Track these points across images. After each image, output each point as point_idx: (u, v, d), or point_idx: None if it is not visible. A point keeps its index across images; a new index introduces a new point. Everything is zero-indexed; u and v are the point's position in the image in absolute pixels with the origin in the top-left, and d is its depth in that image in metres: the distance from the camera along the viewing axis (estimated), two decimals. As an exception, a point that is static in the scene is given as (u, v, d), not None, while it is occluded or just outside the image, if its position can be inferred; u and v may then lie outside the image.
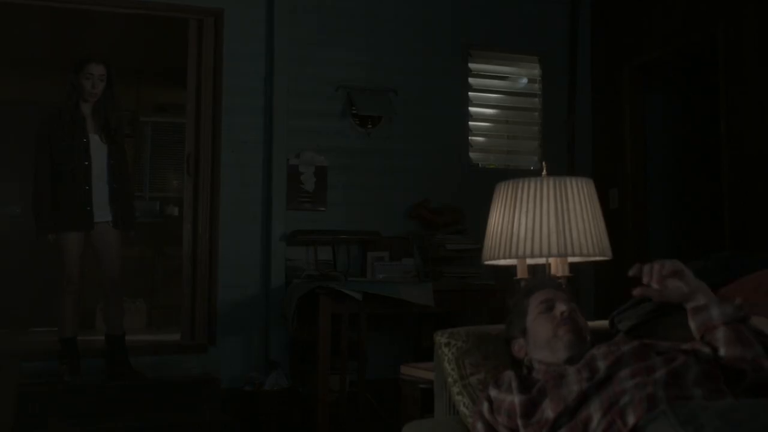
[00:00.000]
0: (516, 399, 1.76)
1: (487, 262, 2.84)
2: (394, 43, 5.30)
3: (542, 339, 1.88)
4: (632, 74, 5.46)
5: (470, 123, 5.49)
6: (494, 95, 5.63)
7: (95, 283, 4.48)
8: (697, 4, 4.93)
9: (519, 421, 1.73)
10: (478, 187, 4.73)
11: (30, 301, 6.53)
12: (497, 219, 2.74)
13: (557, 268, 2.73)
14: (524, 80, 5.73)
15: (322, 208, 5.05)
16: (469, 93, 5.50)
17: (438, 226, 5.04)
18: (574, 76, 5.71)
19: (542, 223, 2.63)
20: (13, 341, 5.50)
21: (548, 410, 1.69)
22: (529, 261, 2.78)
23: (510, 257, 2.70)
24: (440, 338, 2.11)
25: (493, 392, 1.84)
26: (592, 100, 5.77)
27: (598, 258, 2.69)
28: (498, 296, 4.55)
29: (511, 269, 2.86)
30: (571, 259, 2.71)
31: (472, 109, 5.51)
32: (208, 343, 4.81)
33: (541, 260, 2.78)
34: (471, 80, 5.51)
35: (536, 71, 5.71)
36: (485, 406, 1.84)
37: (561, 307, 1.90)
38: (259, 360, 4.80)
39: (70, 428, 4.01)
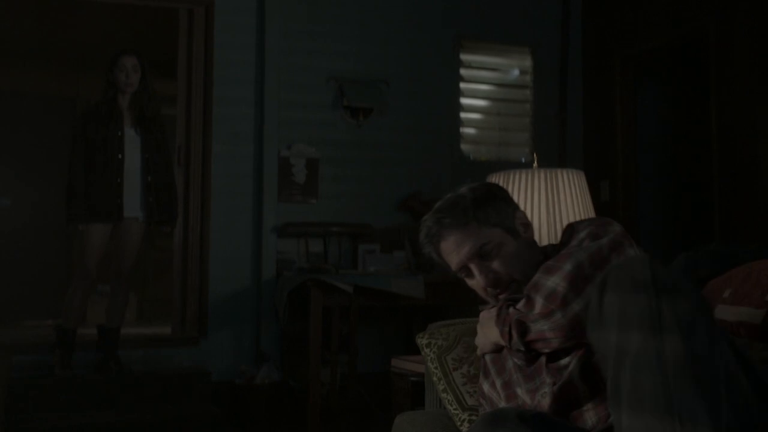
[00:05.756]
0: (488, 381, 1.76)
1: (478, 255, 2.83)
2: (386, 34, 5.28)
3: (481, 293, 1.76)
4: (624, 66, 5.46)
5: (461, 115, 5.48)
6: (486, 87, 5.62)
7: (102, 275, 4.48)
8: (688, -4, 4.92)
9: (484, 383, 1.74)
10: (470, 179, 4.71)
11: (21, 295, 6.51)
12: (488, 211, 2.74)
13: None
14: (516, 72, 5.73)
15: (313, 201, 5.03)
16: (461, 84, 5.49)
17: (429, 218, 5.02)
18: (565, 68, 5.71)
19: (533, 215, 2.63)
20: (3, 334, 5.48)
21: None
22: (520, 253, 2.78)
23: (501, 249, 2.69)
24: (421, 340, 2.11)
25: (485, 386, 1.79)
26: (583, 92, 5.77)
27: (588, 250, 2.68)
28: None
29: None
30: (561, 251, 2.71)
31: (463, 100, 5.50)
32: (199, 335, 4.79)
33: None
34: (462, 71, 5.50)
35: (528, 63, 5.70)
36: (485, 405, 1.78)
37: (479, 282, 1.70)
38: (251, 353, 4.80)
39: (60, 421, 4.00)
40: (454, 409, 1.95)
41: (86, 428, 4.01)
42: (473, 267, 1.69)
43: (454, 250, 1.71)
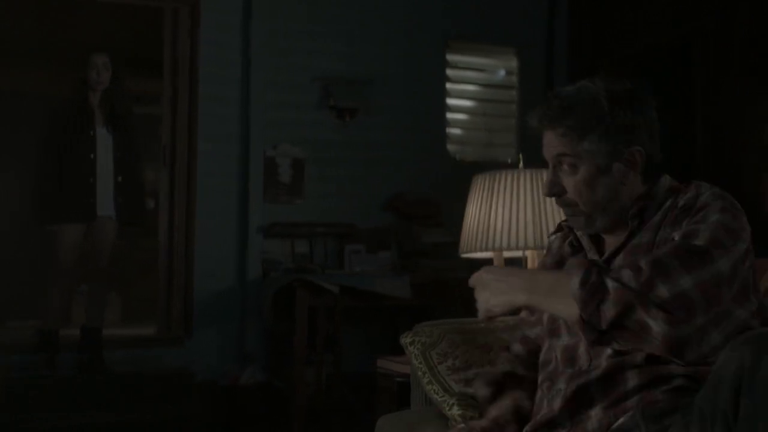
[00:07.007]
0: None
1: (463, 255, 2.84)
2: (372, 35, 5.27)
3: None
4: (611, 68, 5.45)
5: (448, 115, 5.49)
6: (472, 87, 5.63)
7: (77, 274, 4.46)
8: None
9: None
10: (456, 180, 4.72)
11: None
12: (474, 211, 2.75)
13: (534, 260, 2.74)
14: (502, 72, 5.74)
15: (299, 201, 5.02)
16: (447, 85, 5.49)
17: (415, 218, 5.03)
18: (551, 69, 5.72)
19: (519, 216, 2.63)
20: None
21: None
22: (506, 253, 2.79)
23: (487, 250, 2.71)
24: (405, 339, 2.13)
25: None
26: (569, 94, 5.76)
27: (574, 251, 2.69)
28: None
29: (487, 262, 2.86)
30: (547, 252, 2.72)
31: (449, 101, 5.50)
32: (184, 336, 4.78)
33: (518, 253, 2.78)
34: (449, 72, 5.50)
35: (513, 63, 5.71)
36: None
37: (545, 189, 1.64)
38: (236, 353, 4.78)
39: (46, 422, 3.98)
40: (440, 397, 1.95)
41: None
42: (551, 167, 1.64)
43: (548, 143, 1.65)
